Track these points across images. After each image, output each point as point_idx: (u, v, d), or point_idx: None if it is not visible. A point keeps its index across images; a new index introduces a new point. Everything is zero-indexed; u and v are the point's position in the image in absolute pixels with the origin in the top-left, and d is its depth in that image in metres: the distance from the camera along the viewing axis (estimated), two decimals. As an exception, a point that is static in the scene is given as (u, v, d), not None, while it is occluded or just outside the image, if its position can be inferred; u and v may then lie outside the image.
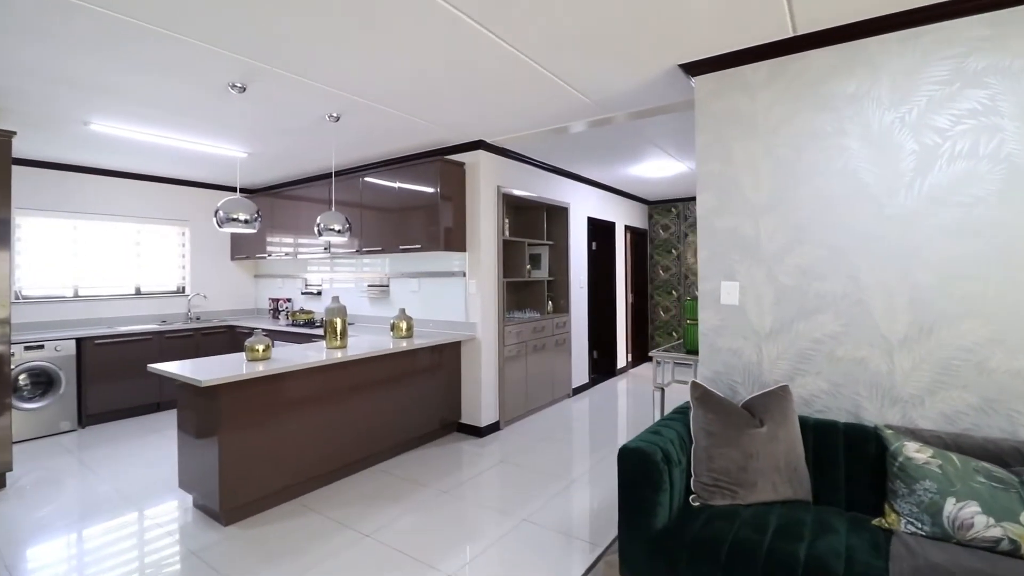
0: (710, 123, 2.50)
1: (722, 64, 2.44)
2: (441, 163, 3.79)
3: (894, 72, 2.11)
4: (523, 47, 2.33)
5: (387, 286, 4.68)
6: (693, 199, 6.87)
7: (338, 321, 3.28)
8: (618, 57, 2.46)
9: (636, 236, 6.94)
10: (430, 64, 2.50)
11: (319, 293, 5.41)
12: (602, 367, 6.17)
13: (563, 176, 5.11)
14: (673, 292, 7.06)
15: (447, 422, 3.97)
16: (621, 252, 6.41)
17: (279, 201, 5.24)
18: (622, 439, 3.90)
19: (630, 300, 6.76)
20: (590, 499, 2.87)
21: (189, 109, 3.12)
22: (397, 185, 4.05)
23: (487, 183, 4.03)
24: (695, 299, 3.08)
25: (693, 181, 5.64)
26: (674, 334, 7.05)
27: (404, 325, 3.79)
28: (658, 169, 4.99)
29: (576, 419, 4.47)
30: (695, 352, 3.05)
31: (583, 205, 5.54)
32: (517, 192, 4.34)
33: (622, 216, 6.45)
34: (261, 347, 2.87)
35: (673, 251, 7.06)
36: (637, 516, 1.80)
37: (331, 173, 4.83)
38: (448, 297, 4.18)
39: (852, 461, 2.01)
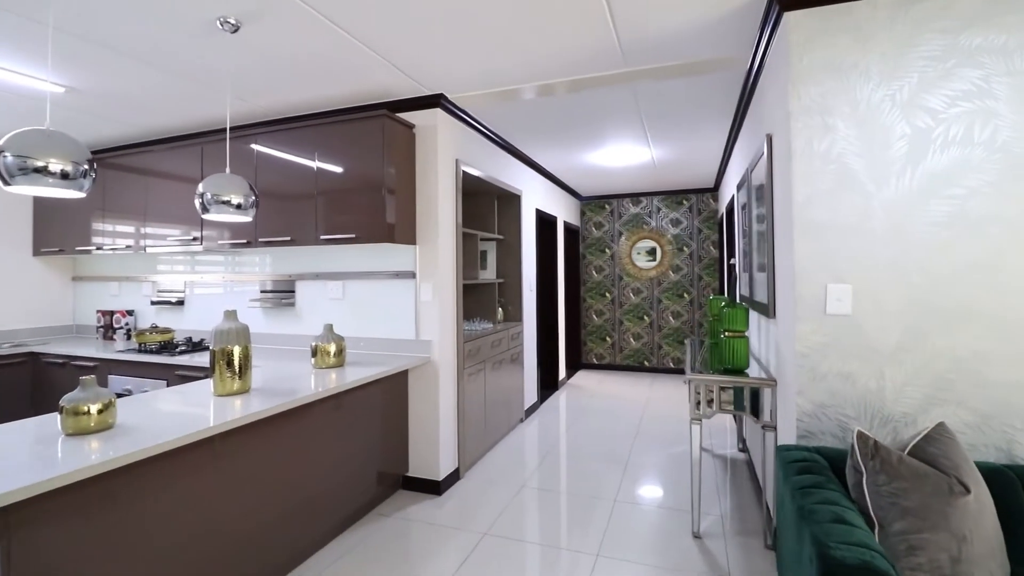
0: (805, 78, 1.87)
1: (831, -7, 1.83)
2: (386, 120, 2.72)
3: (1054, 19, 1.66)
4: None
5: (291, 292, 3.42)
6: (628, 196, 6.50)
7: (236, 350, 2.06)
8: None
9: (570, 234, 6.37)
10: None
11: (180, 302, 3.88)
12: (545, 381, 5.45)
13: (516, 158, 4.28)
14: (607, 294, 6.62)
15: (390, 478, 2.90)
16: (561, 251, 5.77)
17: (115, 173, 3.63)
18: (613, 477, 3.19)
19: (564, 303, 6.16)
20: (635, 585, 2.08)
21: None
22: (316, 159, 2.87)
23: (445, 155, 3.04)
24: (732, 305, 2.46)
25: (647, 175, 5.18)
26: (607, 339, 6.62)
27: (332, 349, 2.65)
28: (622, 156, 4.41)
29: (541, 453, 3.66)
30: (735, 372, 2.44)
31: (533, 195, 4.77)
32: (474, 171, 3.41)
33: (562, 211, 5.81)
34: (95, 408, 1.59)
35: (607, 250, 6.62)
36: None
37: (225, 125, 3.43)
38: (388, 306, 3.10)
39: (1042, 523, 1.50)
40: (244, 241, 3.11)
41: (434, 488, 2.95)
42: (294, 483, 2.15)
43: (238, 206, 2.04)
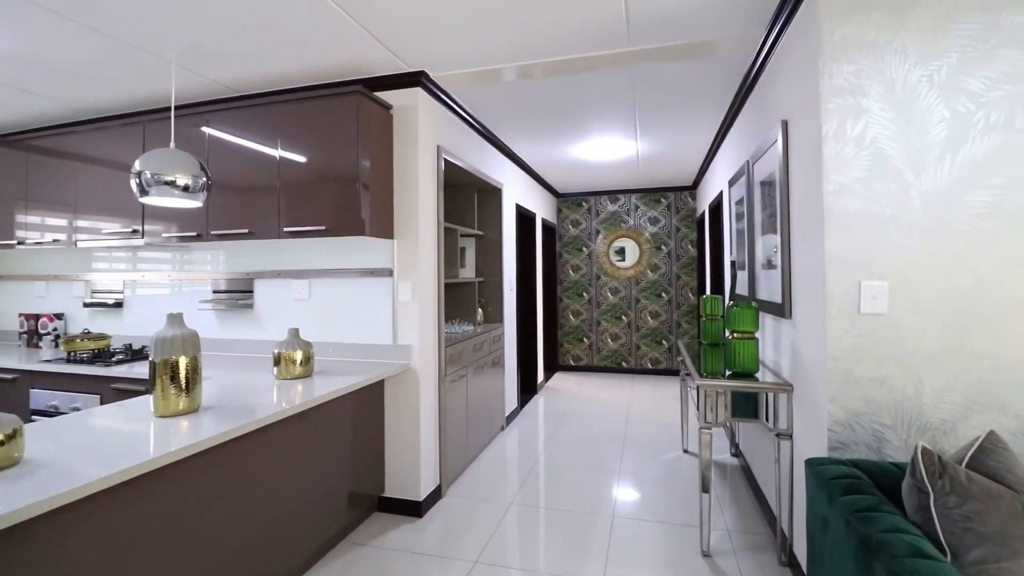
0: (837, 55, 1.71)
1: (867, -40, 1.67)
2: (361, 98, 2.42)
3: (1099, -5, 1.55)
4: None
5: (249, 292, 3.05)
6: (606, 193, 6.36)
7: (182, 362, 1.72)
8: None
9: (547, 232, 6.16)
10: None
11: (118, 304, 3.43)
12: (524, 384, 5.22)
13: (497, 149, 4.03)
14: (584, 294, 6.45)
15: (364, 500, 2.59)
16: (540, 249, 5.56)
17: (40, 157, 3.16)
18: (606, 490, 2.98)
19: (543, 304, 5.95)
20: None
21: None
22: (279, 141, 2.53)
23: (426, 140, 2.76)
24: (742, 305, 2.30)
25: (628, 171, 5.03)
26: (585, 339, 6.45)
27: (299, 357, 2.32)
28: (607, 149, 4.23)
29: (527, 465, 3.43)
30: (745, 375, 2.28)
31: (514, 189, 4.53)
32: (455, 160, 3.14)
33: (540, 208, 5.60)
34: (-7, 439, 1.24)
35: (584, 249, 6.46)
36: None
37: (172, 102, 3.02)
38: (362, 308, 2.78)
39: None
40: (194, 234, 2.73)
41: (414, 510, 2.66)
42: (251, 514, 1.82)
43: (185, 188, 1.70)
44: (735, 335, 2.32)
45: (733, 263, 3.00)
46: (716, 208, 4.35)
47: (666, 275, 6.16)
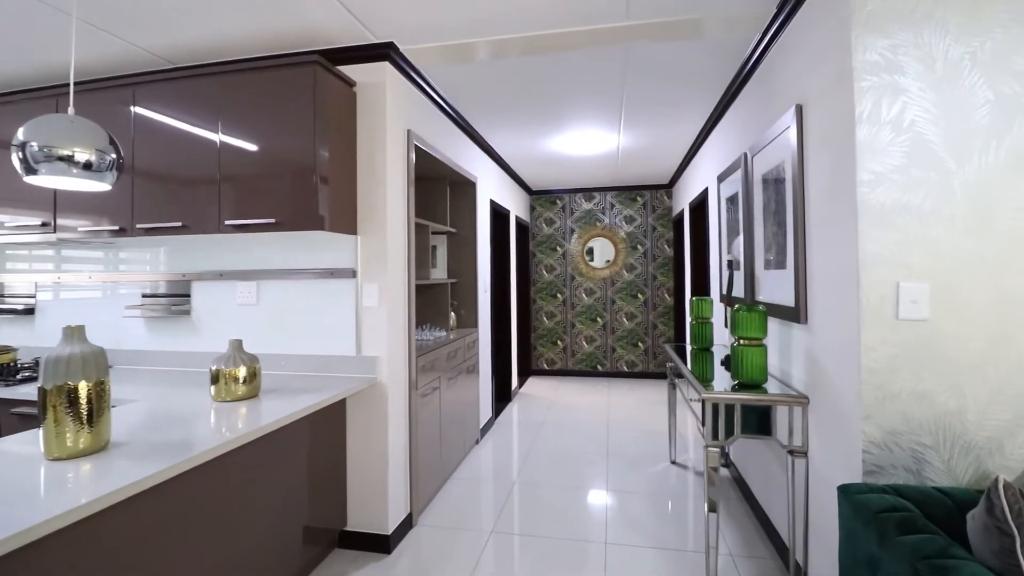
0: (872, 28, 1.51)
1: (908, -82, 1.48)
2: (318, 70, 2.07)
3: None
4: None
5: (186, 295, 2.64)
6: (581, 191, 6.15)
7: (83, 388, 1.34)
8: None
9: (520, 230, 5.90)
10: None
11: (30, 311, 2.94)
12: (498, 392, 4.93)
13: (471, 140, 3.72)
14: (558, 295, 6.22)
15: (323, 537, 2.25)
16: (514, 248, 5.28)
17: (-76, 131, 2.65)
18: (595, 511, 2.73)
19: (515, 306, 5.68)
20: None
21: None
22: (220, 121, 2.16)
23: (395, 123, 2.43)
24: (751, 309, 2.09)
25: (606, 166, 4.82)
26: (559, 342, 6.22)
27: (241, 374, 1.95)
28: (587, 142, 3.99)
29: (506, 484, 3.14)
30: (752, 386, 2.07)
31: (488, 184, 4.23)
32: (427, 149, 2.82)
33: (514, 205, 5.33)
34: None
35: (558, 248, 6.23)
36: None
37: (71, 63, 2.58)
38: (320, 314, 2.43)
39: None
40: (116, 228, 2.31)
41: (382, 545, 2.33)
42: (178, 571, 1.47)
43: (87, 166, 1.32)
44: (741, 341, 2.10)
45: (730, 263, 2.82)
46: (699, 206, 4.20)
47: (642, 275, 6.01)
